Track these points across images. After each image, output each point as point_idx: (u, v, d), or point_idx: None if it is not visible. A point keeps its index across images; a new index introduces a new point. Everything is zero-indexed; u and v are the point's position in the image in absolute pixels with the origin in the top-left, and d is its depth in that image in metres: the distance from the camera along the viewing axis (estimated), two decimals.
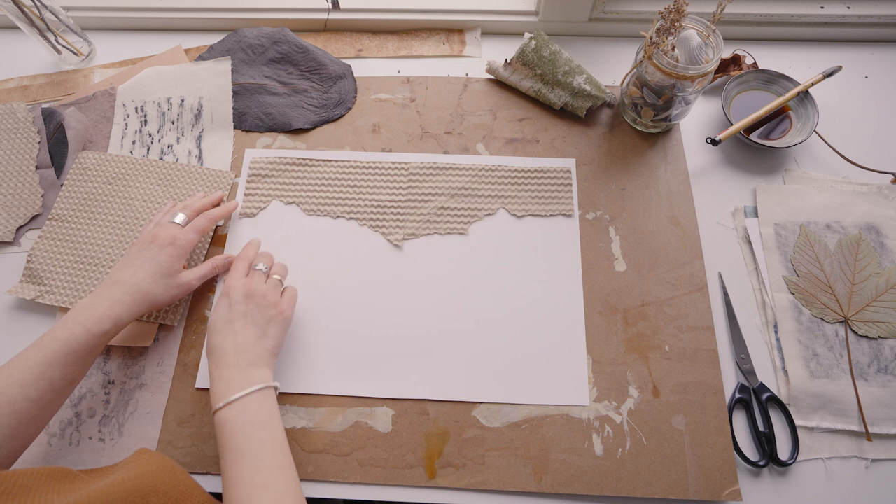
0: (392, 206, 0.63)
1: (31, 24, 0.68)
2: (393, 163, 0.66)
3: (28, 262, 0.60)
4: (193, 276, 0.55)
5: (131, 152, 0.67)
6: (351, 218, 0.63)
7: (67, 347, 0.44)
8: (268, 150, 0.68)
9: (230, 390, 0.45)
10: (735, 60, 0.71)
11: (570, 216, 0.63)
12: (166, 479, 0.40)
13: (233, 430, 0.43)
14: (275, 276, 0.54)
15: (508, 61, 0.70)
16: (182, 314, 0.58)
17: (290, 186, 0.65)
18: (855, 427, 0.53)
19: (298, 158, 0.66)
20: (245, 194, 0.65)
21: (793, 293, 0.58)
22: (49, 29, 0.70)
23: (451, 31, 0.77)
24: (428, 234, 0.62)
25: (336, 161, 0.66)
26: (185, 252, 0.54)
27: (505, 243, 0.62)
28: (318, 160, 0.66)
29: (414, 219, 0.63)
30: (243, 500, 0.40)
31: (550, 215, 0.63)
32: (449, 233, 0.62)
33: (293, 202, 0.64)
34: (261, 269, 0.55)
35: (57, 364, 0.44)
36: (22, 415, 0.42)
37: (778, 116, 0.68)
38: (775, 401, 0.54)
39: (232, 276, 0.53)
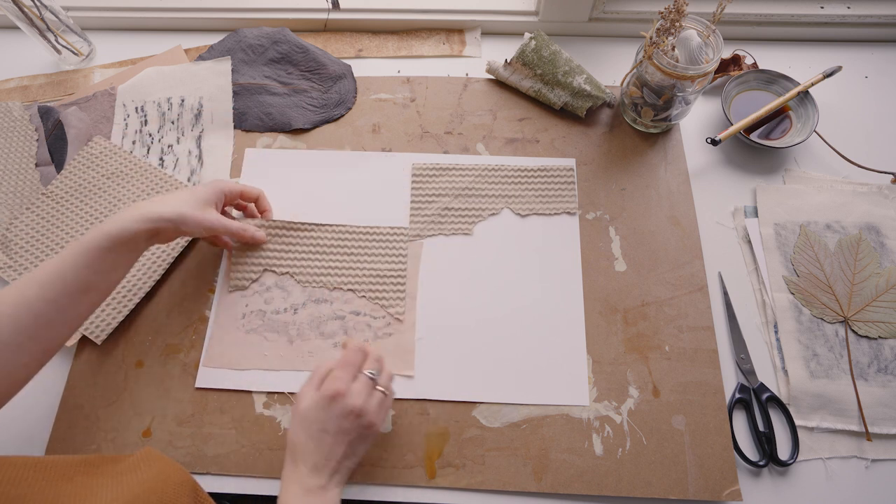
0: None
1: (31, 24, 0.68)
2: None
3: (7, 230, 0.60)
4: (221, 221, 0.54)
5: (131, 152, 0.67)
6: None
7: (82, 247, 0.46)
8: (268, 149, 0.67)
9: None
10: (735, 60, 0.71)
11: (573, 214, 0.63)
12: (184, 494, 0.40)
13: None
14: (379, 389, 0.48)
15: (508, 61, 0.70)
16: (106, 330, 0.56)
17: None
18: (855, 427, 0.53)
19: (290, 223, 0.61)
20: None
21: (793, 293, 0.58)
22: (49, 29, 0.70)
23: (451, 31, 0.77)
24: (433, 234, 0.62)
25: (326, 226, 0.62)
26: (222, 192, 0.55)
27: (509, 243, 0.61)
28: (308, 225, 0.61)
29: (418, 220, 0.63)
30: None
31: (554, 214, 0.63)
32: (454, 233, 0.62)
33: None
34: (371, 377, 0.47)
35: (70, 263, 0.45)
36: (40, 316, 0.44)
37: (778, 116, 0.68)
38: (775, 401, 0.54)
39: (340, 379, 0.46)
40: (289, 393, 0.55)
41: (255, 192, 0.60)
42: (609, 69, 0.73)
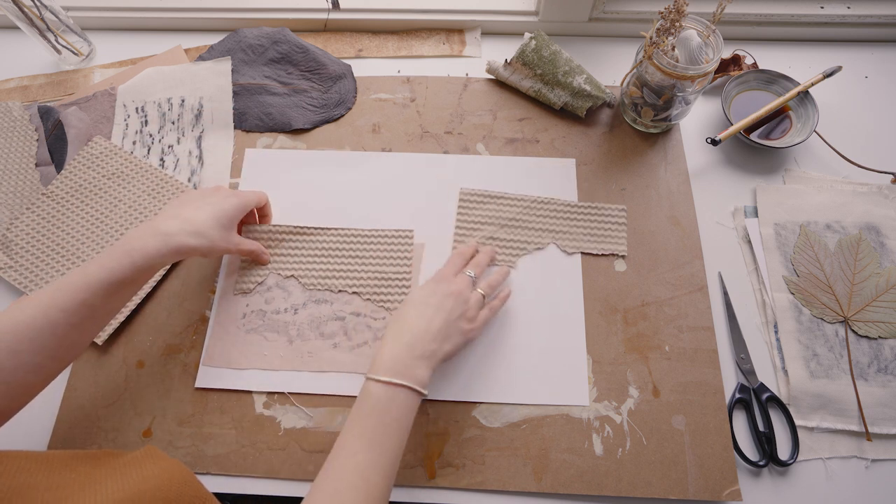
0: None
1: (31, 24, 0.68)
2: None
3: (7, 230, 0.60)
4: (241, 243, 0.55)
5: (132, 153, 0.67)
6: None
7: (112, 277, 0.45)
8: (268, 150, 0.67)
9: (393, 372, 0.45)
10: (735, 60, 0.71)
11: (622, 256, 0.60)
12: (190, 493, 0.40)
13: (372, 409, 0.44)
14: (479, 291, 0.53)
15: (508, 61, 0.70)
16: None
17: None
18: (855, 427, 0.53)
19: (296, 227, 0.61)
20: None
21: (793, 293, 0.58)
22: (49, 29, 0.70)
23: (451, 31, 0.77)
24: None
25: (331, 229, 0.61)
26: (245, 207, 0.55)
27: None
28: (314, 228, 0.61)
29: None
30: (340, 478, 0.42)
31: (602, 254, 0.60)
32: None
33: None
34: (470, 276, 0.54)
35: (100, 293, 0.45)
36: (63, 339, 0.44)
37: (778, 116, 0.68)
38: (775, 401, 0.54)
39: (450, 266, 0.54)
40: (289, 393, 0.55)
41: (265, 198, 0.60)
42: (609, 69, 0.73)
